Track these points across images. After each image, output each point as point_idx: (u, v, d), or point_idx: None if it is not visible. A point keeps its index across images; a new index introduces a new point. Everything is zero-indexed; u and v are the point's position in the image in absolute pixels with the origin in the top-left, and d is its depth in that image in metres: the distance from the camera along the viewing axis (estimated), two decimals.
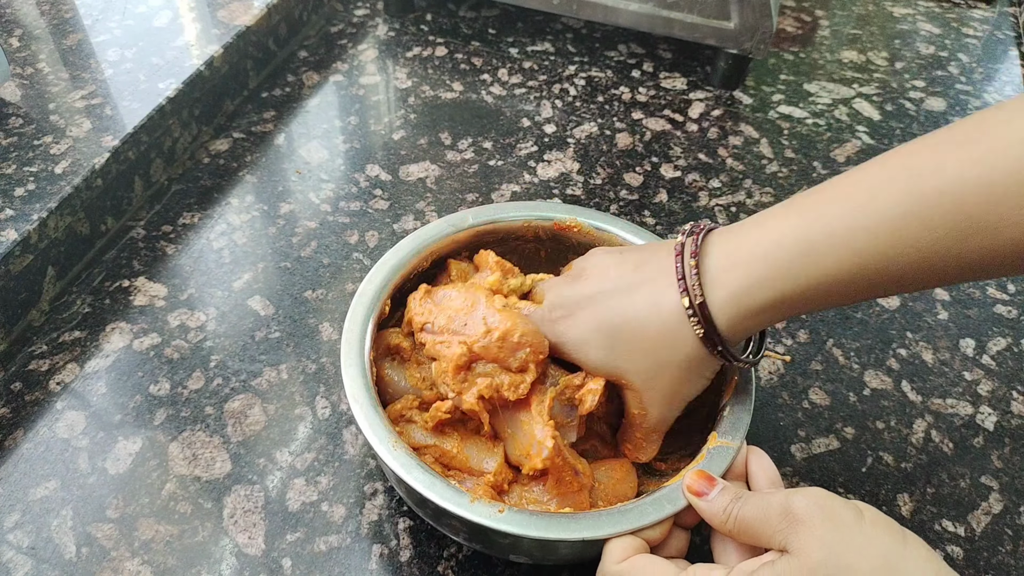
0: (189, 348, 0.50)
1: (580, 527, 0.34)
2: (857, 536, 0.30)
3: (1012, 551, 0.43)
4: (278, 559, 0.41)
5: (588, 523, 0.34)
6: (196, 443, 0.45)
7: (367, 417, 0.37)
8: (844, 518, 0.30)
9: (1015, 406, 0.50)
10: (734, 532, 0.33)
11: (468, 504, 0.34)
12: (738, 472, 0.37)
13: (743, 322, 0.35)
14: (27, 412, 0.46)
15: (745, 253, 0.35)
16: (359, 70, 0.74)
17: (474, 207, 0.47)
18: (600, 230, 0.47)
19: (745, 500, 0.33)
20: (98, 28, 0.66)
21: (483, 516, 0.34)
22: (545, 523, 0.34)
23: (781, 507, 0.31)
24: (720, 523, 0.33)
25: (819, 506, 0.31)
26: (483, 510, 0.34)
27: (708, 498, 0.34)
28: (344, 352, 0.40)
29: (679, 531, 0.36)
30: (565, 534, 0.34)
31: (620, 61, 0.77)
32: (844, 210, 0.32)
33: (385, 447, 0.36)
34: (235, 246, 0.57)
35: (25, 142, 0.55)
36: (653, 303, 0.36)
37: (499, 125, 0.68)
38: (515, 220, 0.47)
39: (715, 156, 0.67)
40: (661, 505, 0.35)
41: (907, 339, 0.53)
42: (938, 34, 0.83)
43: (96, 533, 0.41)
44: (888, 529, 0.30)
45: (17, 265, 0.49)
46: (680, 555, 0.36)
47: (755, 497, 0.33)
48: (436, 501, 0.34)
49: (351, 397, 0.38)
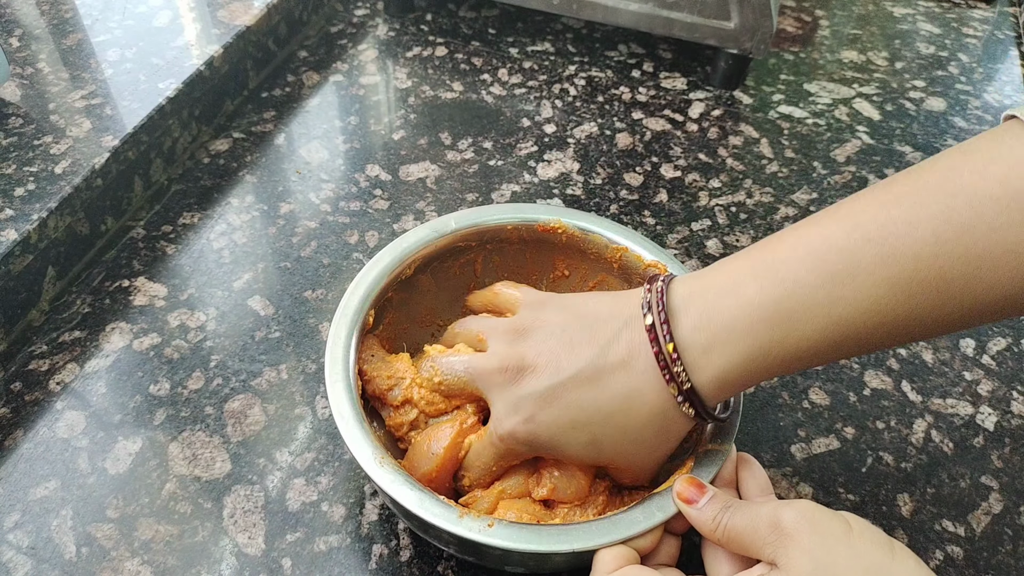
0: (189, 348, 0.50)
1: (570, 539, 0.34)
2: (845, 549, 0.30)
3: (1012, 551, 0.43)
4: (278, 559, 0.41)
5: (578, 534, 0.34)
6: (196, 443, 0.45)
7: (352, 434, 0.37)
8: (832, 531, 0.30)
9: (1015, 406, 0.50)
10: (723, 541, 0.33)
11: (456, 519, 0.34)
12: (728, 479, 0.37)
13: (726, 394, 0.35)
14: (27, 412, 0.46)
15: (722, 328, 0.33)
16: (359, 70, 0.74)
17: (458, 211, 0.47)
18: (584, 231, 0.46)
19: (735, 510, 0.33)
20: (98, 28, 0.66)
21: (472, 531, 0.34)
22: (535, 536, 0.34)
23: (770, 520, 0.31)
24: (709, 532, 0.33)
25: (807, 519, 0.31)
26: (472, 524, 0.34)
27: (698, 506, 0.34)
28: (328, 367, 0.39)
29: (669, 537, 0.36)
30: (555, 546, 0.34)
31: (620, 61, 0.77)
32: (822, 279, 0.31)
33: (372, 464, 0.36)
34: (235, 246, 0.57)
35: (25, 142, 0.55)
36: (631, 389, 0.34)
37: (499, 125, 0.68)
38: (498, 223, 0.47)
39: (715, 156, 0.67)
40: (651, 513, 0.35)
41: None
42: (938, 34, 0.83)
43: (96, 533, 0.41)
44: (876, 541, 0.30)
45: (17, 265, 0.49)
46: (671, 562, 0.36)
47: (744, 507, 0.33)
48: (423, 517, 0.34)
49: (337, 414, 0.38)
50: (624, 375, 0.34)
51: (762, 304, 0.32)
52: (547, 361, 0.36)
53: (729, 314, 0.33)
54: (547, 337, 0.37)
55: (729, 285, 0.33)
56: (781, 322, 0.32)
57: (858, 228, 0.31)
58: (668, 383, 0.34)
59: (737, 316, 0.33)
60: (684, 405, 0.34)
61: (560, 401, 0.35)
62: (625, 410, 0.35)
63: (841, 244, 0.31)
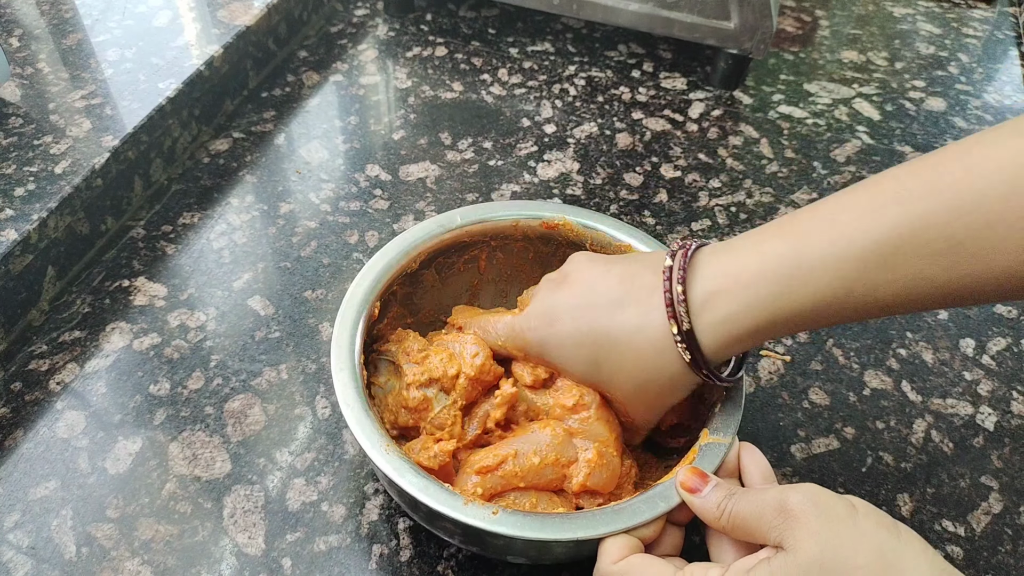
0: (189, 348, 0.50)
1: (574, 527, 0.34)
2: (852, 530, 0.30)
3: (1012, 551, 0.43)
4: (278, 559, 0.41)
5: (582, 523, 0.34)
6: (196, 443, 0.45)
7: (359, 421, 0.37)
8: (838, 513, 0.30)
9: (1015, 406, 0.50)
10: (728, 528, 0.33)
11: (461, 507, 0.34)
12: (731, 469, 0.37)
13: (728, 347, 0.35)
14: (27, 412, 0.46)
15: (731, 279, 0.34)
16: (359, 70, 0.74)
17: (464, 207, 0.47)
18: (589, 229, 0.47)
19: (739, 496, 0.33)
20: (98, 28, 0.66)
21: (477, 518, 0.34)
22: (539, 524, 0.34)
23: (776, 503, 0.31)
24: (714, 519, 0.34)
25: (813, 502, 0.31)
26: (477, 512, 0.34)
27: (702, 495, 0.34)
28: (334, 356, 0.40)
29: (674, 528, 0.36)
30: (558, 534, 0.34)
31: (620, 61, 0.77)
32: (832, 236, 0.32)
33: (377, 451, 0.36)
34: (235, 246, 0.57)
35: (25, 142, 0.55)
36: (639, 324, 0.36)
37: (499, 125, 0.68)
38: (504, 219, 0.47)
39: (715, 156, 0.67)
40: (655, 503, 0.35)
41: (907, 339, 0.53)
42: (938, 34, 0.83)
43: (96, 533, 0.41)
44: (882, 523, 0.30)
45: (17, 265, 0.49)
46: (675, 552, 0.36)
47: (749, 493, 0.33)
48: (429, 504, 0.34)
49: (342, 402, 0.38)
50: (637, 310, 0.37)
51: (770, 257, 0.33)
52: (584, 283, 0.39)
53: (740, 264, 0.34)
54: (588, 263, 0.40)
55: (748, 241, 0.35)
56: (789, 278, 0.33)
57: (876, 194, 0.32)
58: (670, 320, 0.35)
59: (745, 266, 0.34)
60: (681, 347, 0.35)
61: (581, 319, 0.38)
62: (627, 338, 0.37)
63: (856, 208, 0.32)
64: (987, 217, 0.29)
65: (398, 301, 0.46)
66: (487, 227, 0.47)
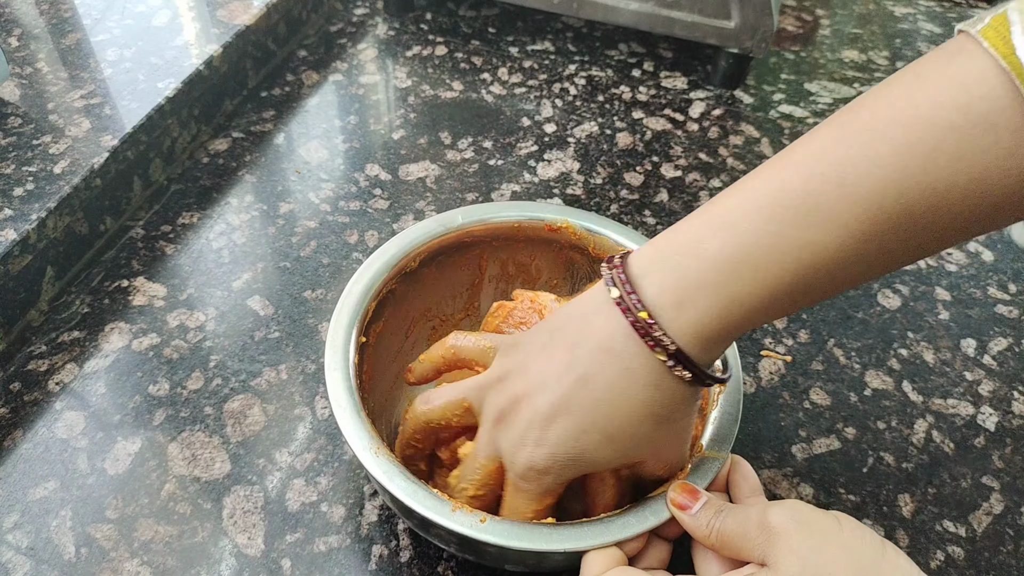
0: (188, 348, 0.50)
1: (562, 538, 0.34)
2: (834, 548, 0.30)
3: (1013, 551, 0.43)
4: (278, 559, 0.41)
5: (571, 534, 0.34)
6: (195, 443, 0.45)
7: (350, 423, 0.37)
8: (822, 529, 0.30)
9: (1016, 406, 0.50)
10: (716, 546, 0.33)
11: (449, 513, 0.34)
12: (720, 483, 0.37)
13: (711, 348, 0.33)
14: (26, 412, 0.46)
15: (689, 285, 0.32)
16: (359, 69, 0.73)
17: (465, 206, 0.47)
18: (591, 232, 0.46)
19: (726, 514, 0.33)
20: (97, 28, 0.66)
21: (464, 525, 0.34)
22: (527, 534, 0.34)
23: (759, 520, 0.31)
24: (703, 537, 0.33)
25: (795, 519, 0.31)
26: (464, 519, 0.34)
27: (691, 512, 0.34)
28: (328, 356, 0.39)
29: (661, 542, 0.36)
30: (546, 545, 0.34)
31: (620, 60, 0.76)
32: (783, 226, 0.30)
33: (368, 454, 0.36)
34: (234, 246, 0.57)
35: (24, 142, 0.55)
36: (623, 372, 0.33)
37: (499, 124, 0.68)
38: (506, 220, 0.47)
39: (716, 156, 0.67)
40: (644, 517, 0.35)
41: (908, 339, 0.53)
42: (939, 33, 0.83)
43: (95, 533, 0.41)
44: (867, 540, 0.30)
45: (16, 265, 0.49)
46: (661, 566, 0.36)
47: (735, 510, 0.33)
48: (417, 510, 0.34)
49: (334, 403, 0.38)
50: (609, 359, 0.33)
51: (726, 258, 0.31)
52: (536, 383, 0.34)
53: (694, 272, 0.31)
54: (529, 364, 0.35)
55: (689, 244, 0.32)
56: (747, 272, 0.31)
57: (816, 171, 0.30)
58: (654, 350, 0.32)
59: (702, 271, 0.31)
60: (677, 368, 0.32)
61: (561, 412, 0.34)
62: (623, 394, 0.33)
63: (799, 189, 0.30)
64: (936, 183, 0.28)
65: (396, 300, 0.46)
66: (488, 228, 0.47)
